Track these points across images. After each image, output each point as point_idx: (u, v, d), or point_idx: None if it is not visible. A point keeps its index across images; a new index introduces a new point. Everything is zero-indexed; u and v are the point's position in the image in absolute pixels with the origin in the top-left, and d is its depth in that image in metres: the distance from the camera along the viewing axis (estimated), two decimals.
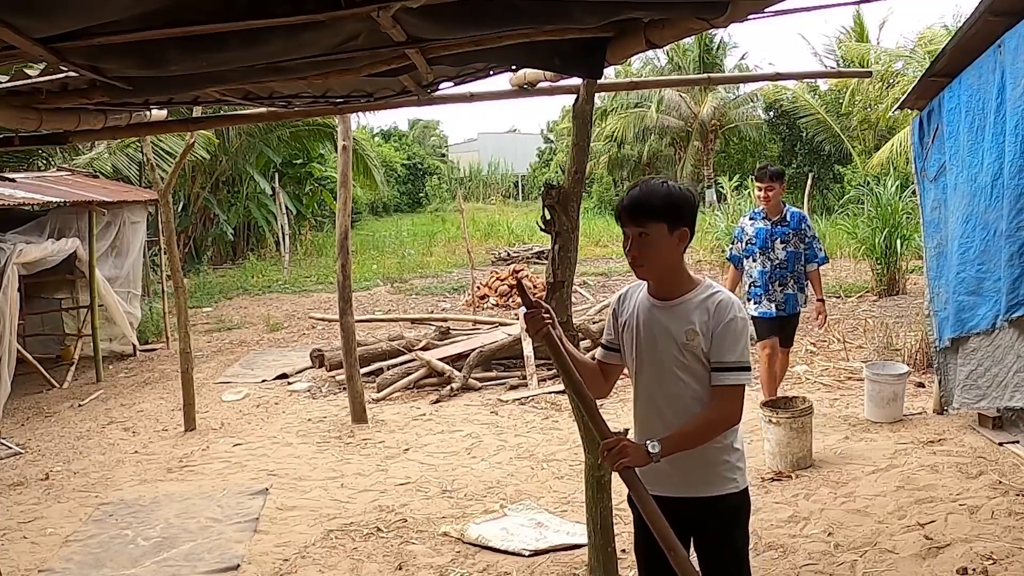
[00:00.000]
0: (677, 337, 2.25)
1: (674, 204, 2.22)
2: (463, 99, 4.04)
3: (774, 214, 5.52)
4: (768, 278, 5.47)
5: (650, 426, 2.34)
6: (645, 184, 2.27)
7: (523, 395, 6.95)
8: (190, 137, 7.14)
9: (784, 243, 5.49)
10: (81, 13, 1.71)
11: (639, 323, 2.36)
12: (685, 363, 2.26)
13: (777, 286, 5.47)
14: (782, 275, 5.48)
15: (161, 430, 6.58)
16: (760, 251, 5.50)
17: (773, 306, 5.47)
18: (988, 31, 4.44)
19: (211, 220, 18.47)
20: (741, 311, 2.25)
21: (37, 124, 2.92)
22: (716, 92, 24.22)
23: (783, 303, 5.48)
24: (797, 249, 5.50)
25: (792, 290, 5.50)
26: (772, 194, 5.48)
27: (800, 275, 5.53)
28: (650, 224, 2.20)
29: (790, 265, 5.49)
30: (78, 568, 4.13)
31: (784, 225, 5.51)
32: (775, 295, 5.47)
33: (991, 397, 4.85)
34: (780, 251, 5.49)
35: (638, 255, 2.25)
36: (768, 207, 5.51)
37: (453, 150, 44.83)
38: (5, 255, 7.25)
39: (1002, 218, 4.28)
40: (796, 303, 5.55)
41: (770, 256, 5.48)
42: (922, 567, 3.60)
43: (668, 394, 2.30)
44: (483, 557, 3.99)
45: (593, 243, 18.23)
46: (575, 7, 2.09)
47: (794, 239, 5.50)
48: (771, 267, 5.48)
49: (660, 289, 2.32)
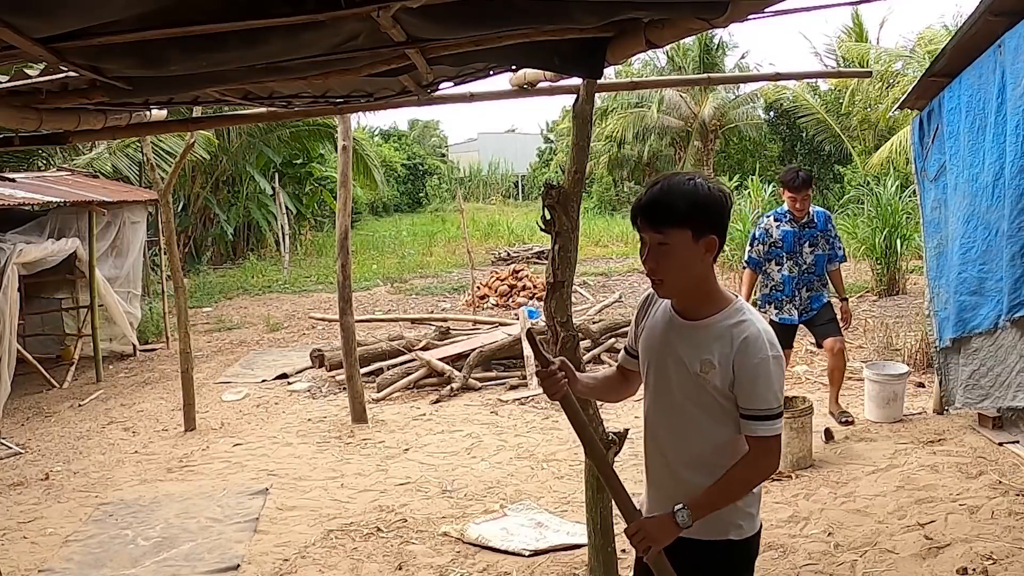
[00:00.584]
0: (690, 366, 1.93)
1: (700, 206, 1.86)
2: (463, 99, 4.04)
3: (801, 216, 5.36)
4: (796, 284, 5.33)
5: (654, 466, 2.10)
6: (668, 181, 1.90)
7: (523, 395, 6.95)
8: (190, 137, 7.14)
9: (812, 246, 5.34)
10: (81, 13, 1.71)
11: (655, 340, 2.05)
12: (697, 398, 1.95)
13: (804, 291, 5.35)
14: (809, 280, 5.36)
15: (161, 430, 6.58)
16: (787, 255, 5.33)
17: (797, 312, 5.36)
18: (988, 31, 4.44)
19: (211, 220, 18.46)
20: (774, 348, 1.91)
21: (37, 124, 2.92)
22: (716, 92, 24.20)
23: (808, 306, 5.37)
24: (824, 251, 5.37)
25: (817, 291, 5.40)
26: (806, 202, 5.32)
27: (824, 276, 5.44)
28: (671, 231, 1.86)
29: (818, 268, 5.36)
30: (78, 568, 4.13)
31: (811, 227, 5.35)
32: (800, 301, 5.35)
33: (994, 397, 4.85)
34: (808, 255, 5.33)
35: (656, 267, 1.90)
36: (801, 214, 5.34)
37: (453, 150, 44.81)
38: (5, 255, 7.25)
39: (1003, 218, 4.28)
40: (821, 297, 5.41)
41: (798, 261, 5.33)
42: (922, 567, 3.60)
43: (673, 431, 2.02)
44: (483, 557, 3.99)
45: (593, 243, 18.22)
46: (575, 7, 2.08)
47: (821, 241, 5.36)
48: (799, 272, 5.33)
49: (685, 305, 1.99)
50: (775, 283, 5.38)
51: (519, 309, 9.02)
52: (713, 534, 1.98)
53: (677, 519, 1.91)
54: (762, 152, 25.20)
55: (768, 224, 5.44)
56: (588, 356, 7.75)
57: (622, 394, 2.29)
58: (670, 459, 2.02)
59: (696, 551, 1.98)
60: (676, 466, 2.01)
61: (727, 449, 1.95)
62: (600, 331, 8.21)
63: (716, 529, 1.98)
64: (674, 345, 1.98)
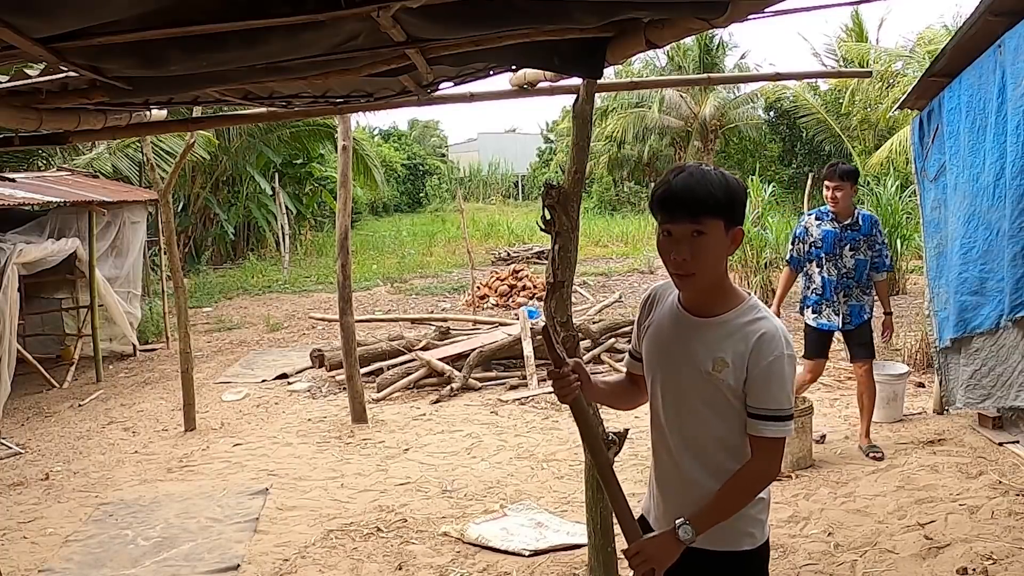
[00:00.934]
0: (703, 364, 1.84)
1: (734, 197, 1.79)
2: (463, 99, 4.04)
3: (844, 216, 5.00)
4: (834, 287, 5.00)
5: (661, 468, 2.00)
6: (697, 170, 1.80)
7: (523, 395, 6.95)
8: (190, 137, 7.14)
9: (854, 250, 4.99)
10: (81, 13, 1.71)
11: (662, 339, 1.96)
12: (709, 397, 1.86)
13: (842, 296, 5.01)
14: (847, 285, 5.01)
15: (161, 430, 6.58)
16: (827, 256, 5.00)
17: (838, 318, 5.02)
18: (988, 31, 4.44)
19: (211, 220, 18.46)
20: (789, 347, 1.83)
21: (37, 124, 2.92)
22: (716, 92, 24.22)
23: (848, 315, 5.03)
24: (866, 257, 5.01)
25: (858, 300, 5.04)
26: (842, 195, 4.94)
27: (867, 284, 5.06)
28: (708, 220, 1.75)
29: (858, 274, 5.00)
30: (78, 568, 4.13)
31: (855, 230, 4.99)
32: (839, 306, 5.02)
33: (996, 397, 4.84)
34: (849, 259, 4.99)
35: (690, 260, 1.78)
36: (838, 208, 4.98)
37: (453, 150, 44.83)
38: (5, 255, 7.25)
39: (1005, 218, 4.28)
40: (863, 312, 5.06)
41: (837, 264, 4.99)
42: (922, 567, 3.60)
43: (682, 431, 1.92)
44: (483, 557, 3.99)
45: (593, 243, 18.23)
46: (575, 7, 2.08)
47: (864, 246, 5.00)
48: (838, 276, 5.00)
49: (698, 302, 1.89)
50: (815, 286, 5.06)
51: (519, 309, 9.01)
52: (725, 544, 1.90)
53: (680, 535, 1.83)
54: (762, 152, 25.20)
55: (808, 222, 5.13)
56: (588, 356, 7.75)
57: (635, 402, 2.18)
58: (678, 460, 1.93)
59: (709, 563, 1.90)
60: (684, 468, 1.92)
61: (737, 451, 1.88)
62: (600, 331, 8.22)
63: (728, 540, 1.90)
64: (684, 343, 1.89)
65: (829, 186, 5.02)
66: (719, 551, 1.90)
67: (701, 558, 1.90)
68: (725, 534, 1.89)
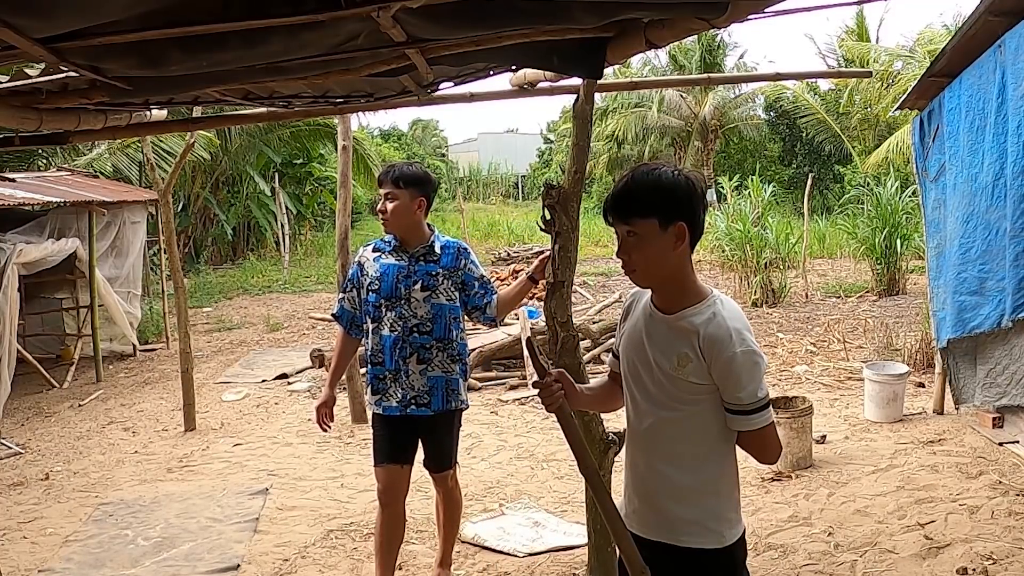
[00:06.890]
0: (668, 360, 1.88)
1: (665, 194, 1.84)
2: (463, 99, 4.03)
3: (413, 243, 3.38)
4: (398, 348, 3.39)
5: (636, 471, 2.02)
6: (633, 173, 1.90)
7: (523, 395, 6.95)
8: (190, 137, 7.14)
9: (428, 290, 3.34)
10: (81, 13, 1.71)
11: (635, 336, 2.00)
12: (674, 392, 1.89)
13: (413, 363, 3.39)
14: (421, 344, 3.37)
15: (161, 430, 6.58)
16: (386, 302, 3.37)
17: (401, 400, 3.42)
18: (988, 31, 4.44)
19: (211, 220, 18.46)
20: (744, 343, 1.84)
21: (37, 124, 2.91)
22: (716, 92, 24.22)
23: (424, 394, 3.40)
24: (450, 300, 3.39)
25: (442, 369, 3.39)
26: (394, 207, 3.30)
27: (457, 346, 3.42)
28: (638, 221, 1.85)
29: (438, 328, 3.36)
30: (78, 568, 4.12)
31: (431, 261, 3.37)
32: (407, 378, 3.41)
33: (1011, 395, 4.87)
34: (421, 304, 3.34)
35: (627, 258, 1.90)
36: (395, 228, 3.36)
37: (453, 150, 44.81)
38: (5, 255, 7.25)
39: (1005, 218, 4.28)
40: (449, 391, 3.42)
41: (403, 312, 3.35)
42: (922, 567, 3.60)
43: (652, 426, 1.95)
44: (483, 557, 3.99)
45: (593, 243, 18.21)
46: (575, 7, 2.08)
47: (445, 283, 3.38)
48: (403, 331, 3.37)
49: (661, 298, 1.95)
50: (371, 350, 3.52)
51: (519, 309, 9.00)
52: (699, 542, 1.93)
53: None
54: (762, 152, 25.22)
55: (364, 256, 3.47)
56: (588, 356, 7.74)
57: (619, 402, 2.19)
58: (648, 454, 1.97)
59: (684, 560, 1.94)
60: (654, 461, 1.96)
61: (708, 444, 1.92)
62: (600, 331, 8.21)
63: (694, 535, 1.93)
64: (652, 339, 1.94)
65: (380, 195, 3.35)
66: (693, 548, 1.93)
67: (676, 555, 1.93)
68: (702, 531, 1.92)
